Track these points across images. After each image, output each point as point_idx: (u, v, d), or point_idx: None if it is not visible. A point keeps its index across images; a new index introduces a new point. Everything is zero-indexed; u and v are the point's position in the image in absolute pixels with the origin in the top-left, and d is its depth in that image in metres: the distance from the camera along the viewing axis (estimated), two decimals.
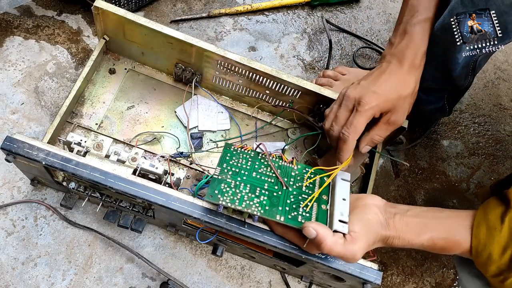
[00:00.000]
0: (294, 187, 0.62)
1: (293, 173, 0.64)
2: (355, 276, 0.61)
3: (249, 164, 0.64)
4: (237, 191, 0.60)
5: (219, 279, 0.80)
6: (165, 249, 0.80)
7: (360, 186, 0.84)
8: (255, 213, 0.58)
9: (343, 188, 0.61)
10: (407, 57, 0.65)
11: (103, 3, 0.74)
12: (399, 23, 0.67)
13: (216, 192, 0.59)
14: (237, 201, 0.59)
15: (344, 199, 0.59)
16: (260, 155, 0.66)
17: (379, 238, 0.58)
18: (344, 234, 0.56)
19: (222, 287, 0.79)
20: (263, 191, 0.60)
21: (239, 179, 0.61)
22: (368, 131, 0.67)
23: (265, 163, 0.65)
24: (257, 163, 0.64)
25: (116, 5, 0.78)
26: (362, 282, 0.62)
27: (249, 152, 0.66)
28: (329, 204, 0.60)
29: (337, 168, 0.64)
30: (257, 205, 0.59)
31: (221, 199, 0.58)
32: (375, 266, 0.61)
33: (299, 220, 0.58)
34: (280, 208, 0.59)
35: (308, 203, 0.60)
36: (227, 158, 0.65)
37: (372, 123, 0.67)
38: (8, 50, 0.89)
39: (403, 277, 0.86)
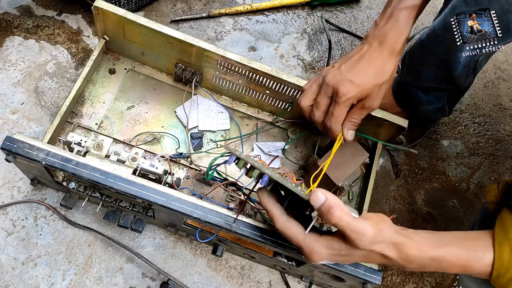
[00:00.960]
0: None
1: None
2: (355, 276, 0.61)
3: None
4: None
5: (219, 279, 0.80)
6: (165, 249, 0.80)
7: (360, 186, 0.84)
8: (267, 171, 0.53)
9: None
10: (388, 41, 0.65)
11: (103, 3, 0.74)
12: (387, 6, 0.68)
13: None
14: (251, 160, 0.54)
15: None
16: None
17: (391, 240, 0.52)
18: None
19: (222, 287, 0.79)
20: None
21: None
22: (345, 117, 0.69)
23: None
24: None
25: (116, 5, 0.78)
26: (362, 282, 0.62)
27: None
28: None
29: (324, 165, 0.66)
30: (269, 172, 0.54)
31: (237, 152, 0.54)
32: (375, 266, 0.61)
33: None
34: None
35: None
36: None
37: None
38: (8, 50, 0.89)
39: (403, 277, 0.86)
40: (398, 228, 0.54)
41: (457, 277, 0.87)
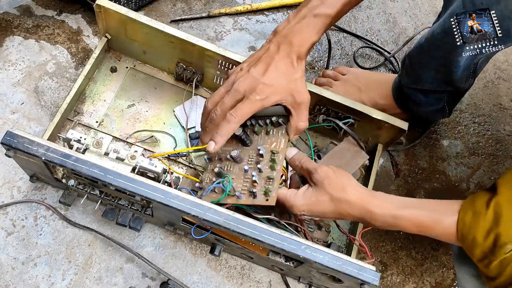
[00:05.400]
0: None
1: None
2: (353, 277, 0.60)
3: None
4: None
5: (219, 279, 0.79)
6: (165, 249, 0.80)
7: None
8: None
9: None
10: (295, 45, 0.65)
11: (105, 1, 0.74)
12: (303, 6, 0.67)
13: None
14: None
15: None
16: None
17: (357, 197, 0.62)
18: None
19: (222, 287, 0.79)
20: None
21: None
22: (289, 123, 0.67)
23: None
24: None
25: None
26: (360, 283, 0.61)
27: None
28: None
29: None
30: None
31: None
32: (372, 267, 0.61)
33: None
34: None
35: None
36: None
37: (287, 119, 0.68)
38: (8, 50, 0.89)
39: (403, 277, 0.85)
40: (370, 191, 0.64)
41: (456, 276, 0.87)
